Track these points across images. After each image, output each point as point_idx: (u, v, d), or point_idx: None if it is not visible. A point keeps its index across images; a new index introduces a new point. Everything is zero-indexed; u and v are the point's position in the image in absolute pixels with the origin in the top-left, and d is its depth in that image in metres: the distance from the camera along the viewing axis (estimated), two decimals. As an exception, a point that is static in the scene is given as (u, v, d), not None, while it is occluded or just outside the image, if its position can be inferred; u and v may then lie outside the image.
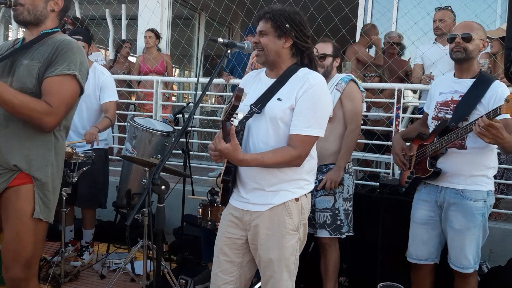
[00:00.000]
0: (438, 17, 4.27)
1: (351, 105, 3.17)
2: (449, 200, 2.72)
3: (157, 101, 5.02)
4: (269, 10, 2.23)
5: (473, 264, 2.70)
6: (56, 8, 2.31)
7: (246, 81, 2.44)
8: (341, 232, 3.21)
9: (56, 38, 2.27)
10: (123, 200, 3.89)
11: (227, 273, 2.31)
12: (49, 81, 2.17)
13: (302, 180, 2.25)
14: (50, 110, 2.14)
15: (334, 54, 3.25)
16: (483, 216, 2.68)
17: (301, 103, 2.14)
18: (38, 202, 2.22)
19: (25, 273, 2.20)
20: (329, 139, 3.17)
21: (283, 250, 2.20)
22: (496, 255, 3.73)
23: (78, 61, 2.22)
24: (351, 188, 3.28)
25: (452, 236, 2.72)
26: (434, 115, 2.82)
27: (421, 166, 2.82)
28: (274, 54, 2.22)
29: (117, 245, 4.30)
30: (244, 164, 2.10)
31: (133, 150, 3.83)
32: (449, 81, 2.80)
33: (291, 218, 2.21)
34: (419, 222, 2.86)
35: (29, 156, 2.21)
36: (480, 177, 2.68)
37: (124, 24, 6.96)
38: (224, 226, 2.35)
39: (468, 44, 2.64)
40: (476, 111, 2.58)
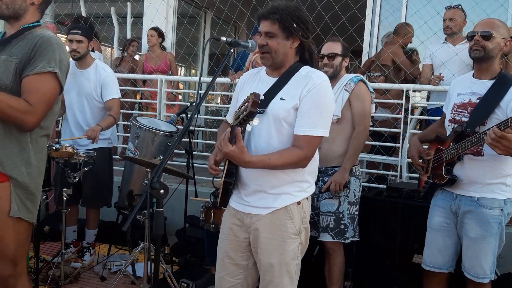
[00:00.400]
0: (448, 16, 4.16)
1: (360, 106, 3.08)
2: (464, 208, 2.62)
3: (161, 100, 4.95)
4: (274, 10, 2.14)
5: (489, 274, 2.60)
6: (35, 1, 2.26)
7: (245, 80, 2.38)
8: (344, 237, 3.12)
9: (36, 33, 2.21)
10: (124, 201, 3.82)
11: (234, 276, 2.29)
12: (28, 79, 2.12)
13: (304, 182, 2.21)
14: (30, 109, 2.09)
15: (343, 54, 3.17)
16: (499, 225, 2.58)
17: (306, 103, 2.09)
18: (16, 201, 2.18)
19: (11, 270, 2.18)
20: (336, 141, 3.09)
21: (284, 255, 2.16)
22: (505, 260, 3.63)
23: (58, 58, 2.17)
24: (358, 192, 3.19)
25: (467, 244, 2.62)
26: (451, 117, 2.71)
27: (437, 171, 2.73)
28: (282, 56, 2.17)
29: (118, 246, 4.24)
30: (250, 166, 2.03)
31: (136, 150, 3.75)
32: (468, 82, 2.68)
33: (293, 222, 2.17)
34: (435, 228, 2.77)
35: (3, 155, 2.16)
36: (497, 185, 2.57)
37: (129, 22, 6.91)
38: (226, 229, 2.30)
39: (487, 42, 2.52)
40: (495, 115, 2.47)
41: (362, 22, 5.02)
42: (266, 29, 2.14)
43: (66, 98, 3.96)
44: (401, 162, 4.23)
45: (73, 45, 3.77)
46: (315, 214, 3.24)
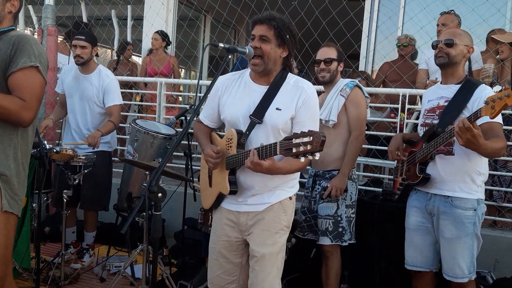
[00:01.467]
0: (441, 21, 4.21)
1: (355, 111, 3.13)
2: (439, 208, 2.72)
3: (161, 103, 4.99)
4: (272, 17, 2.24)
5: (468, 273, 2.67)
6: (13, 10, 2.36)
7: (226, 84, 2.42)
8: (342, 240, 3.16)
9: (11, 35, 2.29)
10: (123, 203, 3.86)
11: (229, 274, 2.41)
12: (15, 76, 2.18)
13: (294, 180, 2.39)
14: (25, 104, 2.16)
15: (339, 59, 3.22)
16: (474, 225, 2.67)
17: (302, 113, 2.24)
18: (6, 196, 2.23)
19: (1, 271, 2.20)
20: (333, 145, 3.14)
21: (275, 246, 2.30)
22: (502, 264, 3.68)
23: (37, 52, 2.24)
24: (354, 195, 3.24)
25: (444, 245, 2.72)
26: (422, 122, 2.87)
27: (411, 172, 2.85)
28: (272, 63, 2.27)
29: (117, 247, 4.27)
30: (278, 172, 2.17)
31: (135, 153, 3.79)
32: (436, 89, 2.86)
33: (286, 215, 2.34)
34: (412, 228, 2.89)
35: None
36: (468, 184, 2.67)
37: (129, 25, 6.95)
38: (219, 229, 2.41)
39: (450, 49, 2.68)
40: (462, 115, 2.59)
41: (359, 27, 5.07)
42: (262, 33, 2.23)
43: (68, 101, 4.01)
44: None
45: (77, 51, 3.82)
46: (313, 217, 3.28)
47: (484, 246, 3.71)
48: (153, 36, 6.00)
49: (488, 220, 4.04)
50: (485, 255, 3.74)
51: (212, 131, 2.50)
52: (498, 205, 4.04)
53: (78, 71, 3.96)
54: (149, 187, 1.89)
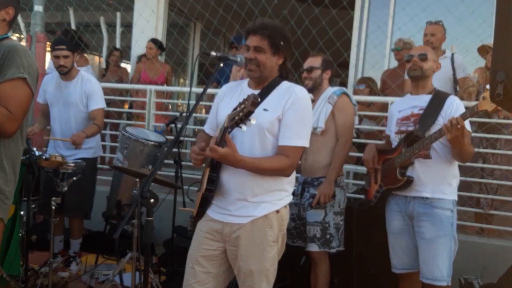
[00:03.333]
0: (429, 31, 4.28)
1: (343, 118, 3.17)
2: (419, 210, 2.81)
3: (150, 111, 4.99)
4: (264, 26, 2.25)
5: (446, 276, 2.74)
6: (7, 18, 2.37)
7: (225, 92, 2.45)
8: (330, 246, 3.18)
9: (2, 44, 2.30)
10: (113, 211, 3.84)
11: (203, 284, 2.32)
12: (1, 87, 2.19)
13: (282, 191, 2.30)
14: (10, 116, 2.18)
15: (323, 67, 3.26)
16: (452, 225, 2.77)
17: (290, 115, 2.19)
18: None
19: None
20: (321, 152, 3.17)
21: (264, 262, 2.24)
22: (488, 272, 3.72)
23: (26, 63, 2.24)
24: (343, 202, 3.26)
25: (424, 246, 2.78)
26: (396, 129, 2.99)
27: (390, 177, 2.92)
28: (269, 71, 2.28)
29: (106, 256, 4.24)
30: (241, 164, 2.11)
31: (124, 160, 3.78)
32: (407, 99, 3.03)
33: (272, 229, 2.25)
34: (395, 232, 2.96)
35: None
36: (445, 186, 2.80)
37: (118, 32, 6.94)
38: (201, 237, 2.34)
39: (423, 63, 2.88)
40: (438, 122, 2.78)
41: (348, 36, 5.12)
42: (256, 44, 2.23)
43: (52, 110, 4.01)
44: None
45: (60, 61, 3.82)
46: (302, 224, 3.29)
47: (471, 253, 3.79)
48: (147, 45, 5.99)
49: (475, 227, 4.10)
50: (472, 262, 3.79)
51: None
52: (485, 212, 4.09)
53: (59, 79, 3.96)
54: (141, 193, 1.89)
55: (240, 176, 2.19)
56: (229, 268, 2.36)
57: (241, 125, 1.91)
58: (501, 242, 3.91)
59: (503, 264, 3.61)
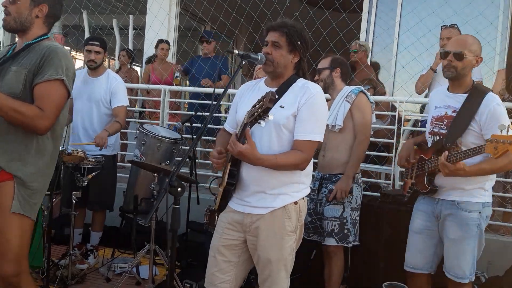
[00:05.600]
0: (445, 35, 4.31)
1: (360, 116, 3.25)
2: (445, 211, 2.77)
3: (164, 110, 5.13)
4: (284, 25, 2.37)
5: (468, 275, 2.72)
6: (40, 15, 2.42)
7: (243, 91, 2.57)
8: (347, 241, 3.28)
9: (43, 45, 2.38)
10: (129, 205, 3.96)
11: (224, 273, 2.43)
12: (39, 87, 2.29)
13: (300, 184, 2.40)
14: (41, 114, 2.26)
15: (331, 66, 3.37)
16: (478, 227, 2.71)
17: (304, 111, 2.30)
18: (18, 198, 2.30)
19: (14, 268, 2.27)
20: (339, 149, 3.27)
21: (282, 251, 2.34)
22: (494, 267, 3.80)
23: (64, 66, 2.34)
24: (359, 198, 3.36)
25: (448, 245, 2.77)
26: (430, 129, 2.89)
27: (420, 179, 2.88)
28: (283, 67, 2.39)
29: (121, 250, 4.37)
30: (260, 162, 2.22)
31: (142, 156, 3.91)
32: (443, 96, 2.86)
33: (290, 220, 2.35)
34: (415, 231, 2.93)
35: (9, 156, 2.31)
36: (476, 190, 2.72)
37: (131, 34, 7.10)
38: (222, 228, 2.46)
39: (459, 62, 2.67)
40: (471, 127, 2.65)
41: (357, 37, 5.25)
42: (274, 39, 2.36)
43: (75, 103, 4.14)
44: (394, 171, 4.42)
45: (91, 56, 3.98)
46: (318, 219, 3.39)
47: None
48: (162, 46, 6.12)
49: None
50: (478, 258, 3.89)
51: None
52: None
53: (87, 74, 4.12)
54: (169, 182, 2.01)
55: (258, 170, 2.31)
56: (249, 258, 2.46)
57: (260, 121, 2.02)
58: (507, 238, 4.01)
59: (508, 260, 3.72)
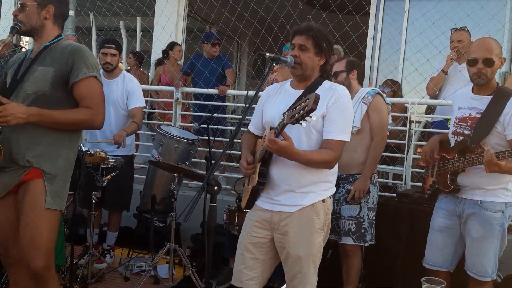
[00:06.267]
0: (455, 38, 4.41)
1: (377, 117, 3.32)
2: (469, 210, 2.82)
3: (177, 111, 5.18)
4: (310, 28, 2.44)
5: (490, 273, 2.77)
6: (48, 16, 2.50)
7: (269, 93, 2.63)
8: (364, 240, 3.34)
9: (63, 44, 2.49)
10: (147, 205, 4.01)
11: (251, 269, 2.50)
12: (78, 87, 2.42)
13: (327, 182, 2.48)
14: (93, 112, 2.42)
15: (347, 69, 3.43)
16: (501, 226, 2.76)
17: (333, 112, 2.37)
18: (50, 193, 2.40)
19: (45, 261, 2.35)
20: (357, 150, 3.33)
21: (311, 248, 2.41)
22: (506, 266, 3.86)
23: (93, 63, 2.46)
24: (376, 198, 3.42)
25: (470, 244, 2.82)
26: (453, 130, 2.92)
27: (442, 178, 2.92)
28: (310, 69, 2.46)
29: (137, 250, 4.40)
30: (297, 157, 2.28)
31: (159, 157, 3.96)
32: (467, 97, 2.89)
33: (319, 218, 2.42)
34: (436, 228, 2.97)
35: (41, 152, 2.40)
36: (499, 190, 2.77)
37: (138, 36, 7.14)
38: (250, 226, 2.52)
39: (489, 69, 2.70)
40: (495, 129, 2.69)
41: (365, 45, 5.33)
42: (301, 42, 2.43)
43: None
44: (405, 171, 4.49)
45: (107, 58, 4.02)
46: (335, 218, 3.44)
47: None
48: (177, 48, 6.18)
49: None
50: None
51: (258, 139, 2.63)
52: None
53: (102, 76, 4.14)
54: (207, 181, 2.06)
55: (287, 169, 2.38)
56: (275, 255, 2.52)
57: (301, 122, 2.07)
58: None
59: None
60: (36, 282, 2.36)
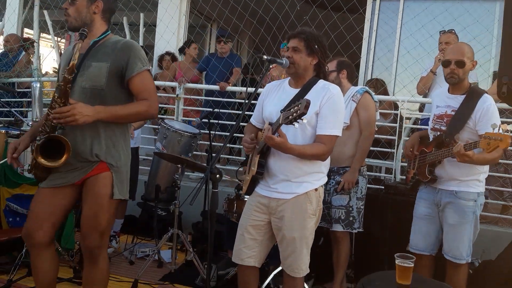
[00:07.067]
0: (443, 40, 4.64)
1: (365, 114, 3.59)
2: (445, 200, 3.12)
3: (179, 106, 5.42)
4: (302, 31, 2.72)
5: (465, 256, 3.08)
6: (97, 11, 2.60)
7: (269, 90, 2.90)
8: (352, 227, 3.62)
9: (113, 40, 2.61)
10: (151, 194, 4.26)
11: (250, 249, 2.79)
12: (134, 81, 2.55)
13: (320, 173, 2.75)
14: (149, 103, 2.56)
15: (338, 68, 3.68)
16: (474, 214, 3.06)
17: (326, 109, 2.63)
18: (117, 185, 2.60)
19: (99, 241, 2.57)
20: (347, 144, 3.59)
21: (304, 230, 2.68)
22: (487, 255, 4.12)
23: (144, 57, 2.62)
24: (364, 189, 3.69)
25: (447, 230, 3.12)
26: (432, 126, 3.24)
27: (422, 170, 3.23)
28: (302, 69, 2.72)
29: (140, 237, 4.67)
30: (290, 151, 2.55)
31: (163, 149, 4.21)
32: (444, 97, 3.20)
33: (312, 204, 2.69)
34: (419, 217, 3.27)
35: (105, 146, 2.57)
36: (472, 181, 3.06)
37: (141, 31, 7.35)
38: (250, 210, 2.80)
39: (460, 70, 3.02)
40: (467, 125, 2.99)
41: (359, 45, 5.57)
42: (293, 45, 2.70)
43: None
44: (395, 165, 4.75)
45: None
46: (326, 207, 3.70)
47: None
48: (194, 46, 6.39)
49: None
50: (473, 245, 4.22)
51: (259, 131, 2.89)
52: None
53: None
54: (210, 170, 2.32)
55: (284, 161, 2.65)
56: (272, 237, 2.81)
57: (294, 123, 2.34)
58: (499, 228, 4.35)
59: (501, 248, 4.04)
60: (89, 256, 2.60)
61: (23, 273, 3.58)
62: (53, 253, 2.69)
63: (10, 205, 4.00)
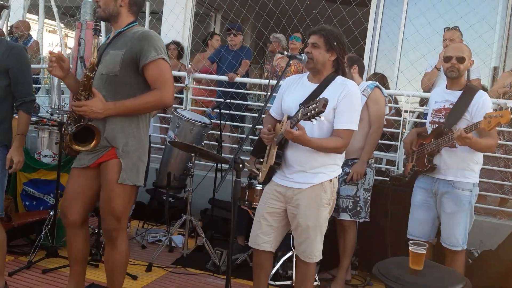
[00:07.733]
0: (448, 37, 4.79)
1: (375, 108, 3.72)
2: (442, 189, 3.29)
3: (188, 95, 5.53)
4: (322, 28, 2.84)
5: (461, 243, 3.24)
6: (123, 4, 2.70)
7: (289, 83, 3.02)
8: (359, 217, 3.77)
9: (134, 30, 2.69)
10: (163, 181, 4.39)
11: (266, 234, 2.93)
12: (148, 69, 2.61)
13: (335, 165, 2.88)
14: (159, 93, 2.63)
15: (349, 64, 3.78)
16: (469, 203, 3.24)
17: (343, 104, 2.75)
18: (126, 170, 2.68)
19: (116, 224, 2.70)
20: (356, 137, 3.69)
21: (319, 219, 2.83)
22: (485, 246, 4.29)
23: (161, 46, 2.68)
24: (371, 180, 3.85)
25: (444, 218, 3.30)
26: (430, 119, 3.43)
27: (420, 160, 3.42)
28: (321, 64, 2.83)
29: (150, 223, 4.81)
30: (309, 144, 2.68)
31: (176, 138, 4.33)
32: (442, 92, 3.41)
33: (326, 194, 2.83)
34: (416, 204, 3.45)
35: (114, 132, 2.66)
36: (468, 171, 3.24)
37: (147, 20, 7.41)
38: (267, 198, 2.95)
39: (461, 65, 3.23)
40: (464, 117, 3.19)
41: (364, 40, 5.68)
42: (313, 41, 2.82)
43: None
44: (398, 158, 4.90)
45: None
46: (335, 197, 3.86)
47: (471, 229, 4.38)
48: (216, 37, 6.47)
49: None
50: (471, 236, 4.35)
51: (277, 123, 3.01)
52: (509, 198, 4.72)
53: None
54: (234, 159, 2.45)
55: (301, 153, 2.78)
56: (287, 224, 2.96)
57: (312, 120, 2.47)
58: (497, 220, 4.52)
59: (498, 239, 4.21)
60: (108, 238, 2.74)
61: (42, 255, 3.71)
62: (86, 234, 2.84)
63: (27, 189, 4.11)
